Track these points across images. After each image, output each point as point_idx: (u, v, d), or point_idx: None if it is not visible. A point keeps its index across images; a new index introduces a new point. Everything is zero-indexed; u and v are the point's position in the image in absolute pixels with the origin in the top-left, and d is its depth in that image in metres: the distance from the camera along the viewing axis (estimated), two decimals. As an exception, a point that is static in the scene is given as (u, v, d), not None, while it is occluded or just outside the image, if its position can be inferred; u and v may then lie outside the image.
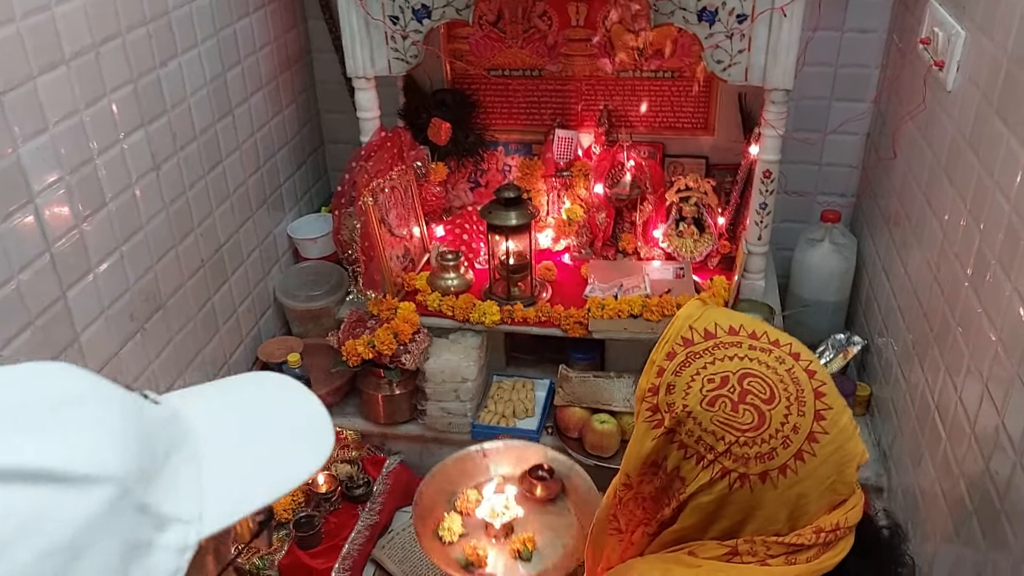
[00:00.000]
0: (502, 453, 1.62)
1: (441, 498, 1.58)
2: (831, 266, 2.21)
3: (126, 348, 1.73)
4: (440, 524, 1.53)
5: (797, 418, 0.94)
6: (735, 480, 0.95)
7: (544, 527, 1.51)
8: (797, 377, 0.97)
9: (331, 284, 2.33)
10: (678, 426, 0.97)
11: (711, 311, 1.06)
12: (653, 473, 1.03)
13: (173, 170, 1.85)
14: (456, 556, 1.48)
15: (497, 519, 1.49)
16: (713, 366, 0.98)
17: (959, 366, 1.55)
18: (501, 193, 2.06)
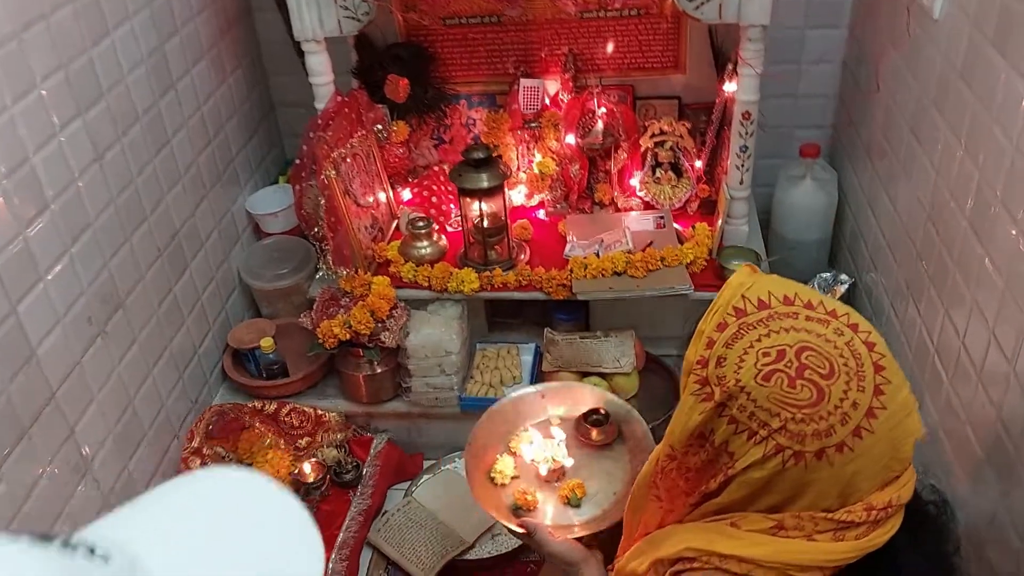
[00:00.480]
0: (561, 394, 1.57)
1: (495, 439, 1.53)
2: (814, 204, 2.15)
3: (88, 355, 1.63)
4: (493, 466, 1.48)
5: (856, 393, 0.90)
6: (789, 457, 0.91)
7: (598, 472, 1.47)
8: (857, 350, 0.92)
9: (298, 260, 2.22)
10: (729, 400, 0.93)
11: (763, 279, 1.01)
12: (699, 445, 0.99)
13: (117, 158, 1.72)
14: (507, 499, 1.44)
15: (543, 465, 1.45)
16: (768, 339, 0.93)
17: (961, 307, 1.50)
18: (470, 154, 1.95)
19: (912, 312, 1.73)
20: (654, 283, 1.94)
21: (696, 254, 1.99)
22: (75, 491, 1.59)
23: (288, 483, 1.92)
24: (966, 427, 1.50)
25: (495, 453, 1.51)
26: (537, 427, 1.56)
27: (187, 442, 1.95)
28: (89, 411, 1.63)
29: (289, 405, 2.05)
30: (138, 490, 1.77)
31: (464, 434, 2.05)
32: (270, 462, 1.94)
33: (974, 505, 1.46)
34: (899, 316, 1.82)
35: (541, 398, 1.57)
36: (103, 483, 1.68)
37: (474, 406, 2.01)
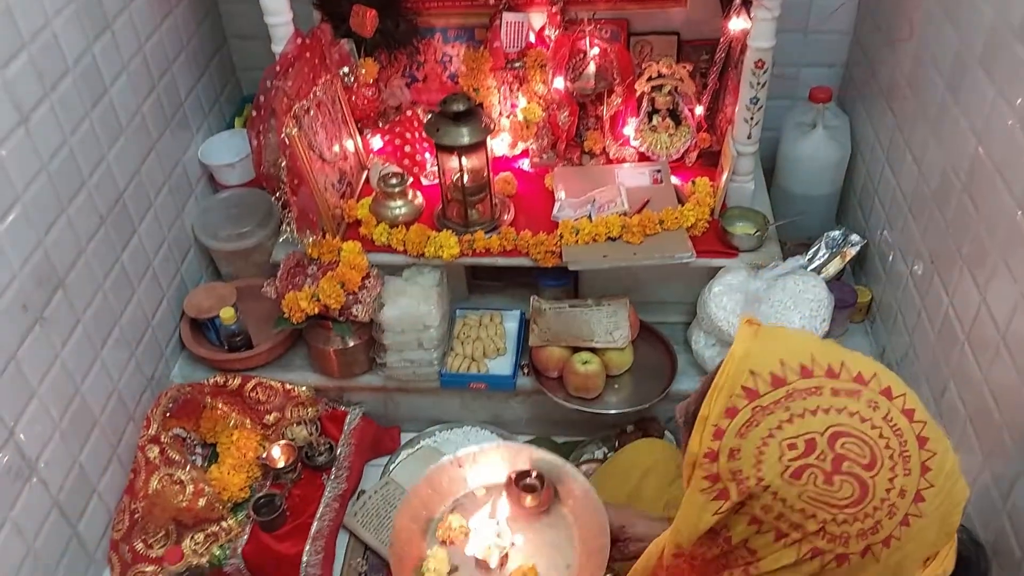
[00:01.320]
0: (480, 460, 1.36)
1: (418, 529, 1.32)
2: (825, 156, 1.97)
3: (24, 347, 1.45)
4: (423, 563, 1.26)
5: (903, 479, 0.77)
6: (830, 561, 0.78)
7: (542, 546, 1.27)
8: (896, 425, 0.78)
9: (259, 216, 2.01)
10: (750, 500, 0.79)
11: (771, 342, 0.84)
12: (711, 540, 0.85)
13: (46, 118, 1.50)
14: None
15: (493, 555, 1.27)
16: (791, 425, 0.78)
17: (984, 267, 1.38)
18: (448, 106, 1.74)
19: (937, 287, 1.59)
20: (652, 250, 1.78)
21: (697, 216, 1.81)
22: (19, 497, 1.44)
23: (256, 467, 1.78)
24: (985, 394, 1.40)
25: (422, 547, 1.29)
26: (461, 504, 1.35)
27: (144, 429, 1.79)
28: (30, 408, 1.46)
29: (254, 379, 1.89)
30: (92, 484, 1.64)
31: (445, 408, 1.95)
32: (236, 443, 1.79)
33: (992, 471, 1.38)
34: (919, 287, 1.68)
35: (458, 468, 1.35)
36: (51, 483, 1.52)
37: (455, 382, 1.86)
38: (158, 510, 1.69)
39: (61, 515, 1.55)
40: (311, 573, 1.69)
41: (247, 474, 1.77)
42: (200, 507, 1.71)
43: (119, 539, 1.69)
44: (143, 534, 1.69)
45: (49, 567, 1.52)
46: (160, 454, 1.75)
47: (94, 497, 1.66)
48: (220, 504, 1.72)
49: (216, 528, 1.72)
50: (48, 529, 1.52)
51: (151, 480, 1.71)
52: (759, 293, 1.74)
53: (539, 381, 1.83)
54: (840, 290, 1.86)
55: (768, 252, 1.83)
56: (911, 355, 1.72)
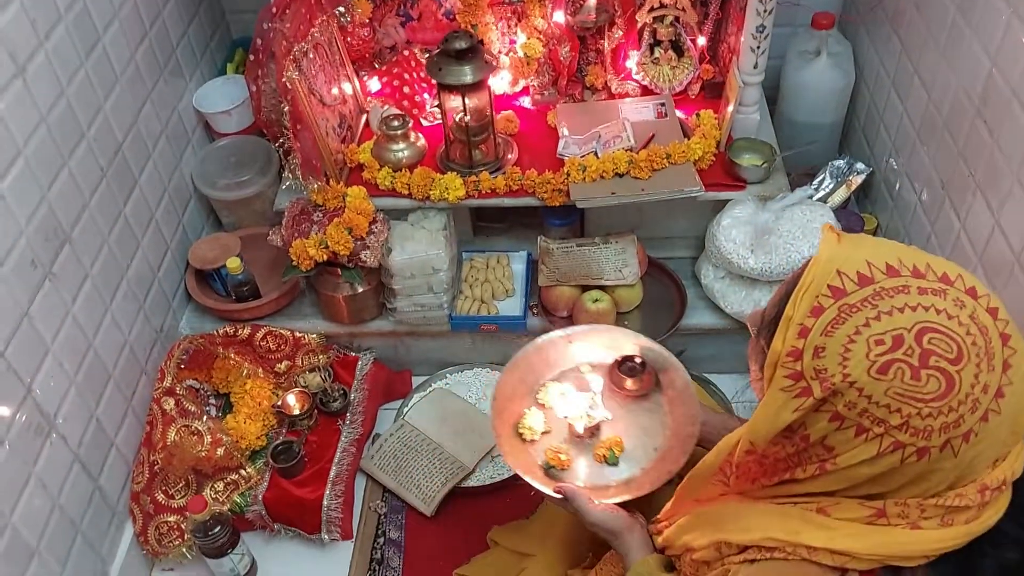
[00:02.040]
0: (590, 338, 1.40)
1: (522, 390, 1.36)
2: (829, 84, 1.95)
3: (36, 303, 1.43)
4: (520, 420, 1.33)
5: (987, 375, 0.78)
6: (911, 454, 0.80)
7: (634, 426, 1.32)
8: (982, 323, 0.79)
9: (258, 164, 1.98)
10: (833, 396, 0.81)
11: (856, 246, 0.85)
12: (786, 438, 0.87)
13: (42, 69, 1.46)
14: (536, 457, 1.30)
15: (579, 422, 1.31)
16: (879, 322, 0.79)
17: (998, 191, 1.38)
18: (450, 43, 1.70)
19: (948, 212, 1.59)
20: (660, 185, 1.77)
21: (704, 148, 1.80)
22: (40, 453, 1.44)
23: (272, 415, 1.79)
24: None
25: (522, 406, 1.35)
26: (565, 376, 1.40)
27: (158, 382, 1.78)
28: (45, 364, 1.46)
29: (264, 328, 1.88)
30: (109, 438, 1.64)
31: (455, 351, 1.96)
32: (249, 393, 1.79)
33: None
34: (928, 213, 1.68)
35: (568, 343, 1.40)
36: (70, 438, 1.52)
37: (465, 325, 1.87)
38: (177, 461, 1.70)
39: (83, 469, 1.56)
40: (332, 516, 1.71)
41: (263, 422, 1.77)
42: (219, 456, 1.72)
43: (140, 491, 1.70)
44: (163, 485, 1.70)
45: (74, 521, 1.53)
46: (176, 406, 1.75)
47: (112, 450, 1.66)
48: (238, 453, 1.73)
49: (236, 476, 1.73)
50: (71, 483, 1.52)
51: (168, 432, 1.72)
52: (768, 225, 1.74)
53: (549, 321, 1.83)
54: (847, 218, 1.87)
55: (775, 183, 1.82)
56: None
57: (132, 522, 1.70)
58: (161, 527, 1.68)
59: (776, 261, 1.71)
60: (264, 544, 1.75)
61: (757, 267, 1.72)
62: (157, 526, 1.68)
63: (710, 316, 1.86)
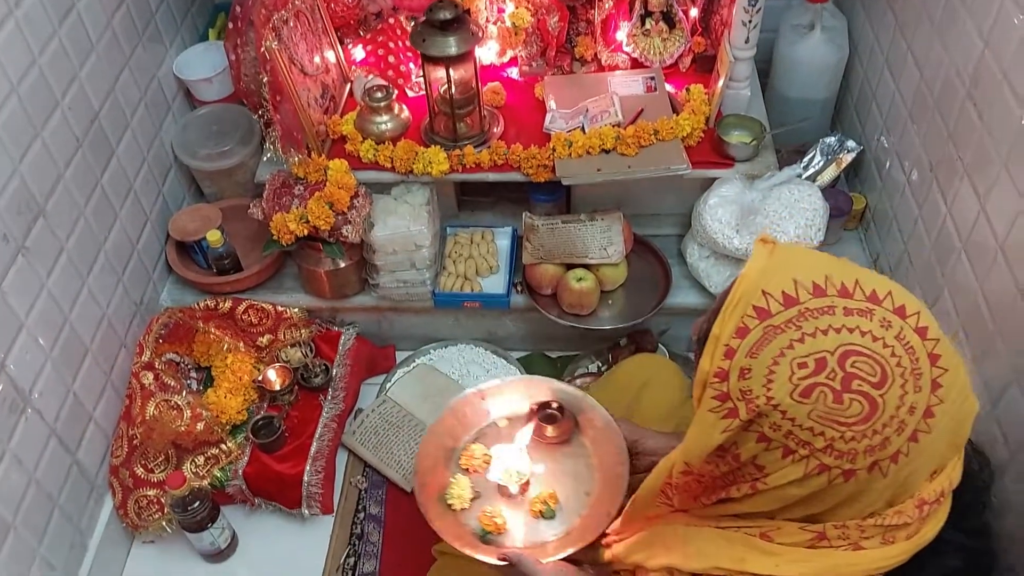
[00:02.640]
0: (503, 392, 1.35)
1: (442, 458, 1.33)
2: (822, 59, 1.91)
3: (8, 279, 1.41)
4: (446, 490, 1.28)
5: (914, 396, 0.77)
6: (837, 476, 0.79)
7: (562, 475, 1.28)
8: (909, 342, 0.77)
9: (240, 133, 1.95)
10: (758, 418, 0.79)
11: (785, 261, 0.83)
12: (719, 457, 0.86)
13: (12, 37, 1.42)
14: (471, 526, 1.25)
15: (512, 481, 1.28)
16: (803, 344, 0.77)
17: (986, 176, 1.36)
18: (435, 14, 1.66)
19: (935, 195, 1.57)
20: (647, 162, 1.74)
21: (693, 125, 1.77)
22: (15, 429, 1.43)
23: (253, 390, 1.78)
24: (978, 300, 1.41)
25: (445, 475, 1.30)
26: (483, 434, 1.35)
27: (137, 356, 1.77)
28: (19, 340, 1.44)
29: (245, 302, 1.86)
30: (88, 412, 1.63)
31: (438, 327, 1.94)
32: (230, 367, 1.77)
33: (982, 377, 1.39)
34: (915, 195, 1.66)
35: (481, 400, 1.35)
36: (47, 413, 1.51)
37: (449, 302, 1.85)
38: (156, 435, 1.69)
39: (59, 444, 1.55)
40: (312, 492, 1.71)
41: (244, 397, 1.76)
42: (199, 431, 1.71)
43: (119, 465, 1.69)
44: (143, 459, 1.70)
45: (52, 495, 1.53)
46: (155, 380, 1.74)
47: (91, 425, 1.65)
48: (219, 427, 1.72)
49: (216, 451, 1.72)
50: (48, 458, 1.52)
51: (148, 406, 1.71)
52: (754, 204, 1.72)
53: (533, 299, 1.82)
54: (835, 197, 1.85)
55: (764, 161, 1.79)
56: (905, 262, 1.71)
57: (112, 496, 1.70)
58: (140, 501, 1.67)
59: (762, 241, 1.69)
60: (244, 518, 1.75)
61: (742, 247, 1.70)
62: (137, 500, 1.67)
63: (695, 295, 1.84)
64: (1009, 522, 1.32)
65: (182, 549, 1.70)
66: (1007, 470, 1.32)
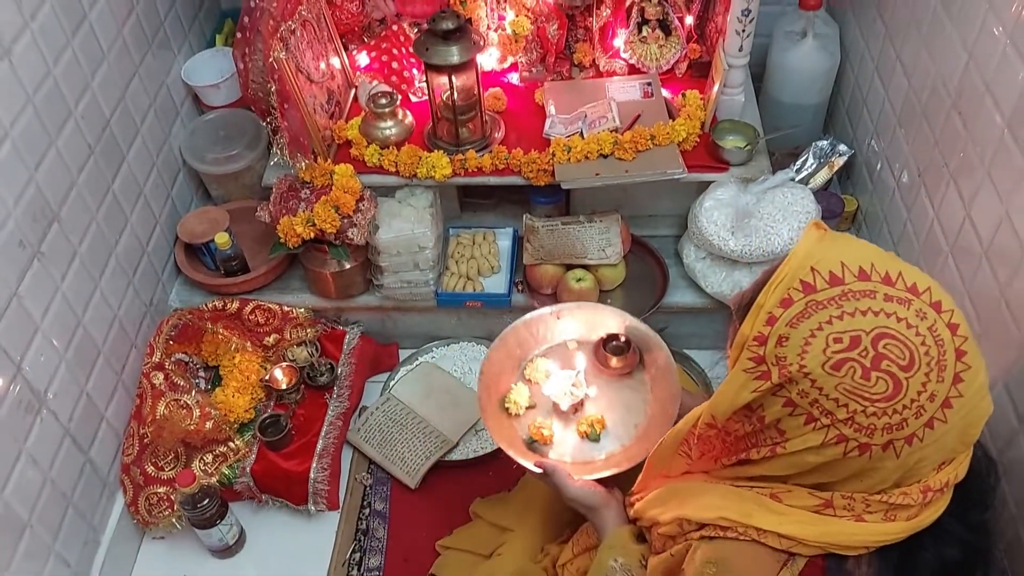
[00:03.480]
0: (577, 314, 1.45)
1: (509, 365, 1.41)
2: (814, 66, 1.96)
3: (25, 283, 1.45)
4: (507, 395, 1.38)
5: (936, 385, 0.83)
6: (852, 448, 0.85)
7: (616, 403, 1.38)
8: (940, 335, 0.83)
9: (247, 138, 1.99)
10: (788, 383, 0.85)
11: (835, 245, 0.89)
12: (745, 416, 0.93)
13: (28, 49, 1.46)
14: (521, 432, 1.35)
15: (564, 399, 1.35)
16: (841, 321, 0.83)
17: (989, 214, 1.40)
18: (437, 24, 1.71)
19: (923, 199, 1.61)
20: (644, 166, 1.79)
21: (688, 130, 1.82)
22: (31, 429, 1.47)
23: (260, 389, 1.82)
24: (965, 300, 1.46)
25: (509, 380, 1.40)
26: (552, 351, 1.44)
27: (147, 356, 1.81)
28: (35, 342, 1.48)
29: (252, 302, 1.91)
30: (100, 412, 1.67)
31: (441, 326, 1.99)
32: (238, 366, 1.82)
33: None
34: (905, 199, 1.71)
35: (556, 319, 1.44)
36: (61, 413, 1.56)
37: (451, 301, 1.90)
38: (166, 433, 1.74)
39: (73, 443, 1.60)
40: (319, 488, 1.76)
41: (251, 396, 1.81)
42: (207, 429, 1.75)
43: (130, 463, 1.74)
44: (153, 457, 1.74)
45: (66, 493, 1.58)
46: (165, 380, 1.79)
47: (103, 424, 1.70)
48: (227, 426, 1.77)
49: (224, 449, 1.77)
50: (62, 457, 1.56)
51: (158, 405, 1.75)
52: (749, 207, 1.77)
53: (533, 298, 1.87)
54: (828, 199, 1.89)
55: (758, 165, 1.84)
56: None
57: (123, 493, 1.74)
58: (151, 498, 1.72)
59: (756, 243, 1.74)
60: (252, 514, 1.80)
61: (737, 249, 1.75)
62: (147, 497, 1.72)
63: (691, 295, 1.89)
64: (994, 518, 1.37)
65: (191, 545, 1.75)
66: (996, 465, 1.36)
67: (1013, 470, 1.32)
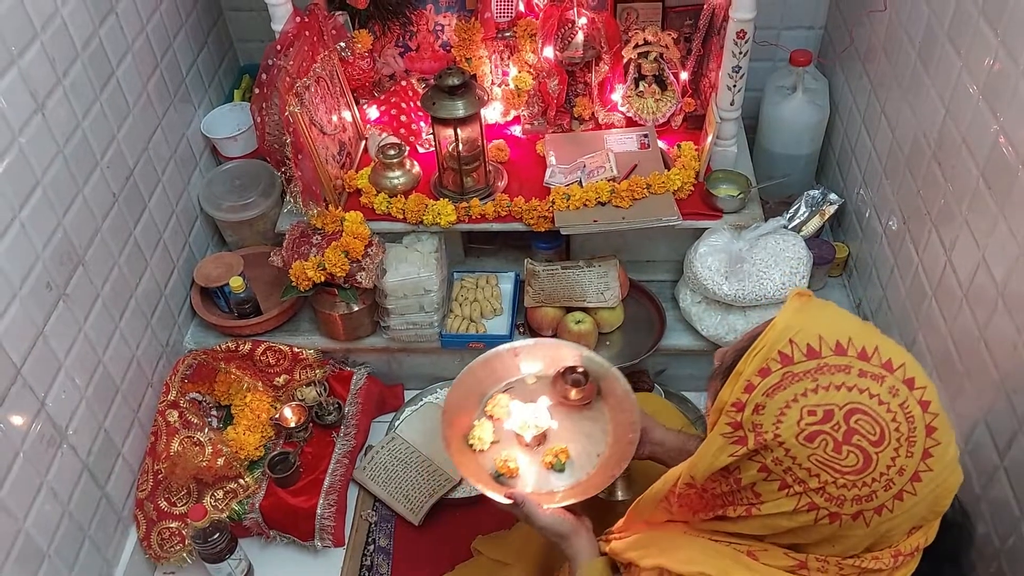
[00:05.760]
0: (534, 352, 1.50)
1: (470, 402, 1.46)
2: (804, 119, 2.05)
3: (50, 323, 1.53)
4: (470, 431, 1.43)
5: (905, 460, 0.86)
6: (823, 516, 0.88)
7: (578, 434, 1.42)
8: (911, 412, 0.87)
9: (261, 186, 2.09)
10: (763, 450, 0.89)
11: (815, 317, 0.93)
12: (722, 477, 0.96)
13: (60, 104, 1.56)
14: (487, 466, 1.39)
15: (528, 431, 1.41)
16: (816, 395, 0.87)
17: (968, 259, 1.47)
18: (444, 80, 1.81)
19: (908, 245, 1.68)
20: (640, 214, 1.87)
21: (683, 179, 1.90)
22: (52, 463, 1.54)
23: (270, 427, 1.89)
24: (948, 342, 1.52)
25: (471, 417, 1.45)
26: (513, 387, 1.50)
27: (163, 395, 1.89)
28: (58, 380, 1.56)
29: (264, 343, 1.98)
30: (117, 448, 1.74)
31: (445, 367, 2.05)
32: (249, 405, 1.89)
33: (954, 416, 1.50)
34: (891, 245, 1.78)
35: (515, 356, 1.50)
36: (80, 449, 1.62)
37: (455, 343, 1.96)
38: (179, 470, 1.80)
39: (91, 477, 1.66)
40: (325, 524, 1.81)
41: (261, 434, 1.87)
42: (219, 466, 1.82)
43: (144, 498, 1.80)
44: (166, 493, 1.80)
45: (82, 526, 1.63)
46: (179, 417, 1.85)
47: (119, 460, 1.76)
48: (237, 463, 1.83)
49: (234, 485, 1.83)
50: (80, 491, 1.62)
51: (172, 442, 1.82)
52: (742, 253, 1.84)
53: (534, 338, 1.93)
54: (819, 247, 1.96)
55: (751, 213, 1.92)
56: (884, 307, 1.82)
57: (136, 528, 1.80)
58: (163, 533, 1.78)
59: (749, 288, 1.81)
60: (260, 550, 1.85)
61: (731, 293, 1.82)
62: (160, 532, 1.78)
63: (688, 338, 1.96)
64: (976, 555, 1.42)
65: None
66: (979, 504, 1.42)
67: (996, 507, 1.37)
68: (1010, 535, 1.32)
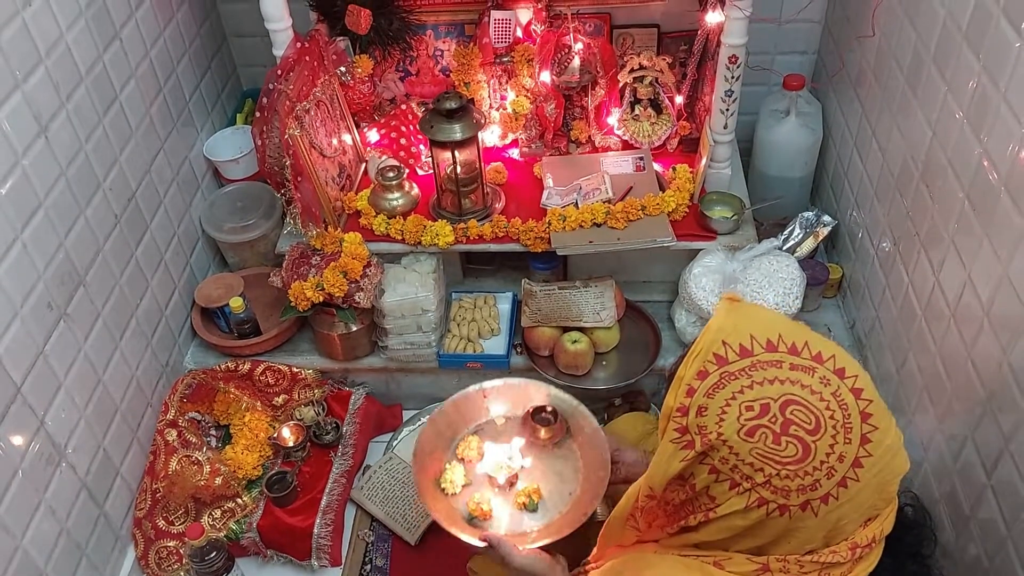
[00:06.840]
0: (503, 392, 1.51)
1: (441, 445, 1.47)
2: (798, 142, 2.07)
3: (51, 343, 1.55)
4: (442, 474, 1.43)
5: (843, 447, 0.89)
6: (773, 510, 0.91)
7: (549, 473, 1.43)
8: (843, 400, 0.90)
9: (262, 208, 2.12)
10: (710, 451, 0.92)
11: (745, 318, 0.97)
12: (679, 485, 0.99)
13: (63, 127, 1.59)
14: (460, 509, 1.40)
15: (501, 473, 1.41)
16: (751, 391, 0.91)
17: (955, 281, 1.48)
18: (442, 104, 1.84)
19: (899, 266, 1.70)
20: (635, 235, 1.89)
21: (678, 201, 1.92)
22: (51, 481, 1.56)
23: (268, 447, 1.90)
24: (936, 361, 1.54)
25: (442, 461, 1.45)
26: (483, 428, 1.50)
27: (162, 414, 1.91)
28: (57, 399, 1.58)
29: (263, 364, 2.00)
30: (115, 467, 1.75)
31: (443, 386, 2.07)
32: (248, 425, 1.91)
33: (944, 434, 1.51)
34: (883, 266, 1.80)
35: (483, 398, 1.51)
36: (79, 467, 1.64)
37: (452, 363, 1.98)
38: (178, 489, 1.81)
39: (89, 496, 1.67)
40: (322, 544, 1.82)
41: (259, 453, 1.89)
42: (217, 485, 1.83)
43: (142, 517, 1.81)
44: (164, 512, 1.82)
45: (80, 544, 1.65)
46: (178, 437, 1.87)
47: (118, 479, 1.78)
48: (235, 482, 1.84)
49: (232, 504, 1.84)
50: (78, 509, 1.64)
51: (170, 461, 1.83)
52: (736, 274, 1.85)
53: (531, 359, 1.95)
54: (813, 268, 1.98)
55: (744, 234, 1.94)
56: (877, 327, 1.84)
57: (134, 546, 1.81)
58: (161, 551, 1.79)
59: (743, 309, 1.82)
60: (257, 569, 1.85)
61: (725, 314, 1.83)
62: (157, 551, 1.79)
63: (683, 359, 1.97)
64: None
65: (199, 598, 1.81)
66: (969, 524, 1.43)
67: (984, 525, 1.38)
68: (997, 553, 1.33)
